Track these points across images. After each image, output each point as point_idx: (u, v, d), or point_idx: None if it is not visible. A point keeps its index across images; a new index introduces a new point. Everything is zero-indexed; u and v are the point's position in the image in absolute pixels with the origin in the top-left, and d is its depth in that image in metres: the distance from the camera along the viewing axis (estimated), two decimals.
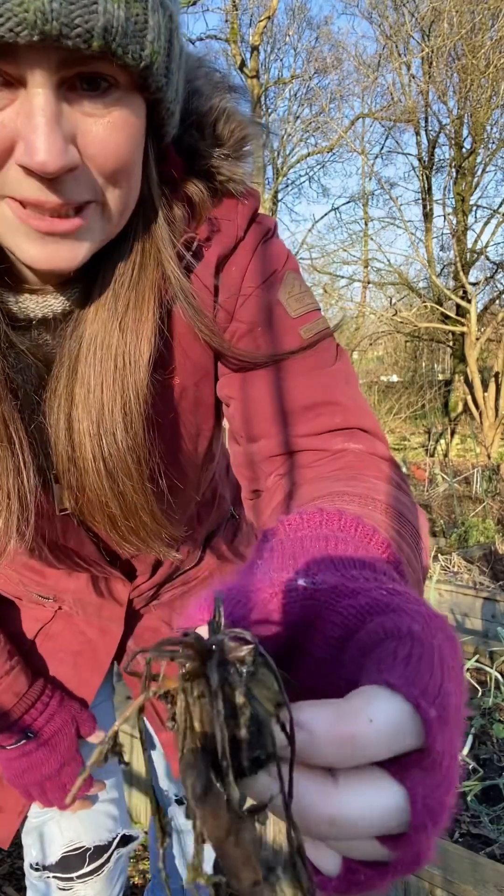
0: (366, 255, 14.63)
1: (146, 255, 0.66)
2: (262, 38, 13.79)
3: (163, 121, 0.62)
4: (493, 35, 9.79)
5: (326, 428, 0.75)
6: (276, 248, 0.78)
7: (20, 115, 0.51)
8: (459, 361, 11.81)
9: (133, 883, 1.79)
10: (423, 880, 1.35)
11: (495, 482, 6.07)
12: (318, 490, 0.62)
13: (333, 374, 0.77)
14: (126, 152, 0.56)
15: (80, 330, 0.67)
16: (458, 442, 10.69)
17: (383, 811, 0.28)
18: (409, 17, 11.18)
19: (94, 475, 0.67)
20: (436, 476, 6.44)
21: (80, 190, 0.55)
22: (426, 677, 0.29)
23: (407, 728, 0.28)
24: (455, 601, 3.36)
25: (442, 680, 0.30)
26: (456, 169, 12.44)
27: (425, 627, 0.32)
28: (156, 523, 0.72)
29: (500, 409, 9.27)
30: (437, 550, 4.40)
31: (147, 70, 0.54)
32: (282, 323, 0.76)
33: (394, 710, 0.28)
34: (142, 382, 0.67)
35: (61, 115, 0.52)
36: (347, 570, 0.37)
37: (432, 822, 0.29)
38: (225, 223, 0.74)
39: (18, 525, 0.66)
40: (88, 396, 0.66)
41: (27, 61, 0.49)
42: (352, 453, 0.73)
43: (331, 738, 0.28)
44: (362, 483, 0.61)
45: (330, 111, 14.07)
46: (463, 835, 1.70)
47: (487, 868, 1.34)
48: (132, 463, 0.68)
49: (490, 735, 2.14)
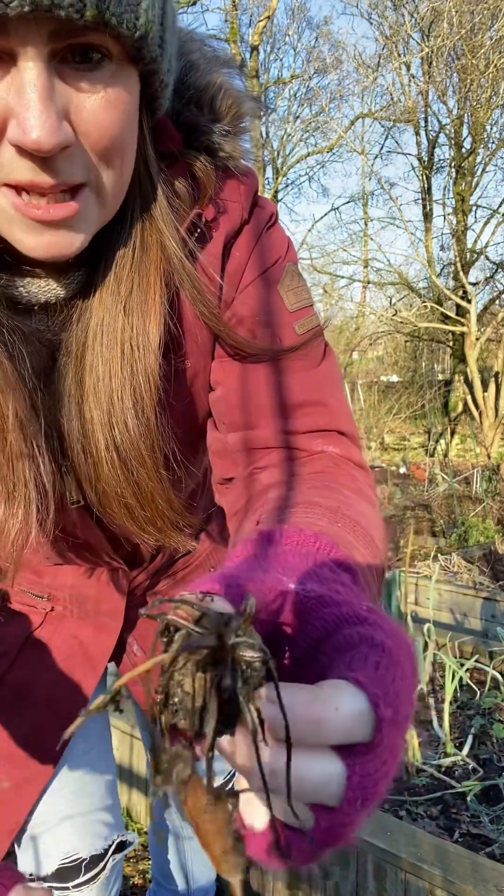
0: (366, 255, 14.63)
1: (147, 236, 0.64)
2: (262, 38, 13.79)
3: (157, 93, 0.60)
4: (493, 35, 9.78)
5: (310, 428, 0.76)
6: (278, 237, 0.78)
7: (11, 91, 0.49)
8: (459, 361, 11.80)
9: (133, 883, 1.78)
10: (423, 880, 1.35)
11: (495, 482, 6.07)
12: (294, 495, 0.65)
13: (323, 374, 0.78)
14: (120, 128, 0.54)
15: (86, 317, 0.65)
16: (458, 442, 10.68)
17: (322, 778, 0.33)
18: (408, 17, 11.17)
19: (107, 465, 0.66)
20: (436, 476, 6.43)
21: (74, 170, 0.53)
22: (388, 684, 0.34)
23: (364, 721, 0.33)
24: (455, 601, 3.36)
25: (400, 690, 0.34)
26: (456, 169, 12.43)
27: (395, 644, 0.36)
28: (173, 512, 0.70)
29: (500, 409, 9.27)
30: (437, 550, 4.40)
31: (141, 40, 0.51)
32: (279, 316, 0.76)
33: (357, 704, 0.33)
34: (152, 367, 0.65)
35: (54, 91, 0.49)
36: (332, 584, 0.42)
37: (363, 802, 0.33)
38: (230, 204, 0.72)
39: (39, 515, 0.64)
40: (98, 385, 0.64)
41: (17, 34, 0.46)
42: (328, 457, 0.74)
43: (303, 718, 0.32)
44: (336, 494, 0.64)
45: (330, 111, 14.07)
46: (463, 835, 1.70)
47: (487, 868, 1.34)
48: (145, 450, 0.66)
49: (490, 735, 2.14)
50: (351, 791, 0.33)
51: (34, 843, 0.98)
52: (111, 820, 1.04)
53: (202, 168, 0.68)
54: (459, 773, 1.95)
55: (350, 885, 1.48)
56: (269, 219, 0.77)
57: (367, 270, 14.58)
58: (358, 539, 0.56)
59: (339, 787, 0.33)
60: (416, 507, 5.65)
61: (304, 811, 0.34)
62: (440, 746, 2.08)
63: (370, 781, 0.33)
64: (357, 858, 1.46)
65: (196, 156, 0.68)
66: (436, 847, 1.40)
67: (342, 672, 0.34)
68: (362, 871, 1.46)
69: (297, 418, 0.76)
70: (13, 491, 0.62)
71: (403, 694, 0.34)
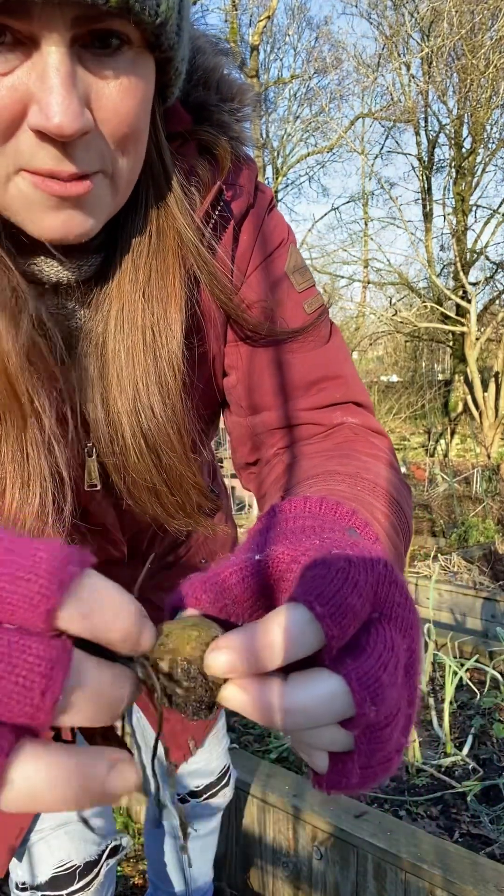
0: (366, 255, 14.63)
1: (162, 221, 0.64)
2: (262, 38, 13.79)
3: (171, 80, 0.60)
4: (493, 35, 9.78)
5: (327, 402, 0.78)
6: (278, 220, 0.79)
7: (33, 75, 0.49)
8: (459, 361, 11.80)
9: (133, 883, 1.78)
10: (422, 880, 1.35)
11: (495, 482, 6.07)
12: (314, 467, 0.67)
13: (334, 348, 0.80)
14: (137, 115, 0.54)
15: (105, 305, 0.65)
16: (458, 442, 10.69)
17: (326, 696, 0.34)
18: (408, 17, 11.18)
19: (135, 453, 0.66)
20: (436, 476, 6.43)
21: (92, 157, 0.53)
22: (321, 586, 0.35)
23: (308, 627, 0.34)
24: (455, 601, 3.36)
25: (339, 587, 0.35)
26: (456, 169, 12.44)
27: (341, 557, 0.37)
28: (200, 495, 0.71)
29: (500, 409, 9.27)
30: (437, 550, 4.40)
31: (161, 27, 0.52)
32: (289, 297, 0.77)
33: (295, 615, 0.34)
34: (175, 353, 0.65)
35: (76, 76, 0.49)
36: (301, 542, 0.40)
37: (371, 699, 0.34)
38: (238, 188, 0.73)
39: (55, 503, 0.63)
40: (121, 373, 0.64)
41: (42, 18, 0.46)
42: (348, 428, 0.76)
43: (254, 650, 0.34)
44: (354, 461, 0.66)
45: (330, 111, 14.08)
46: (463, 835, 1.70)
47: (487, 868, 1.34)
48: (174, 435, 0.66)
49: (490, 735, 2.14)
50: (357, 693, 0.34)
51: (28, 853, 0.97)
52: (103, 824, 1.04)
53: (217, 142, 0.68)
54: (459, 773, 1.95)
55: (350, 885, 1.48)
56: (269, 202, 0.78)
57: (367, 270, 14.58)
58: (378, 499, 0.57)
59: (346, 695, 0.34)
60: (416, 507, 5.65)
61: (339, 734, 0.36)
62: (440, 746, 2.08)
63: (370, 675, 0.35)
64: (357, 858, 1.46)
65: (209, 131, 0.68)
66: (436, 847, 1.40)
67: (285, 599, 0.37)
68: (362, 871, 1.46)
69: (314, 394, 0.77)
70: (28, 479, 0.61)
71: (344, 589, 0.35)
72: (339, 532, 0.43)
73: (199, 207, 0.68)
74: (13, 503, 0.61)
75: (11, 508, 0.61)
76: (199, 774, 1.20)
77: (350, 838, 1.46)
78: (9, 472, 0.61)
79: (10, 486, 0.61)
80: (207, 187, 0.69)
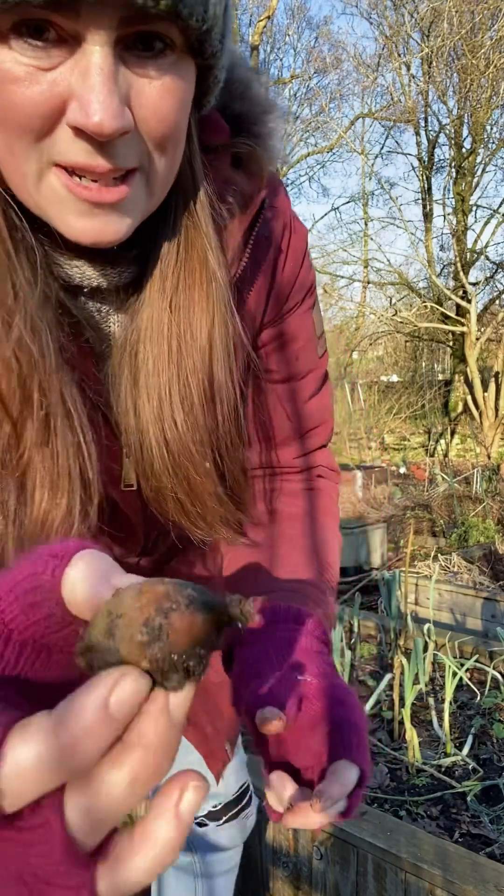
0: (366, 255, 14.62)
1: (190, 232, 0.64)
2: (262, 38, 13.79)
3: (208, 89, 0.59)
4: (493, 35, 9.78)
5: (317, 445, 0.90)
6: (309, 258, 0.81)
7: (75, 73, 0.49)
8: (459, 361, 11.80)
9: None
10: (423, 880, 1.35)
11: (495, 482, 6.06)
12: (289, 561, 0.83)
13: (327, 394, 0.88)
14: (176, 117, 0.54)
15: (138, 313, 0.65)
16: (458, 442, 10.68)
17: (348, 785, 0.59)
18: (408, 17, 11.18)
19: (158, 461, 0.66)
20: (436, 476, 6.43)
21: (129, 155, 0.53)
22: (365, 753, 0.62)
23: (354, 776, 0.60)
24: (455, 601, 3.36)
25: (367, 749, 0.62)
26: (456, 169, 12.43)
27: (360, 716, 0.64)
28: (222, 508, 0.71)
29: (500, 409, 9.27)
30: (437, 550, 4.40)
31: (206, 34, 0.52)
32: (310, 340, 0.83)
33: (355, 774, 0.60)
34: (200, 365, 0.65)
35: (118, 76, 0.49)
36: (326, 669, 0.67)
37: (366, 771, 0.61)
38: (276, 209, 0.74)
39: (83, 506, 0.62)
40: (148, 381, 0.64)
41: (89, 17, 0.46)
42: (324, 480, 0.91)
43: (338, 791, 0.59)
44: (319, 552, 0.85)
45: (330, 111, 14.07)
46: (463, 835, 1.70)
47: (487, 868, 1.34)
48: (194, 447, 0.66)
49: (490, 735, 2.14)
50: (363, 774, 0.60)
51: None
52: None
53: (256, 154, 0.68)
54: (459, 773, 1.95)
55: (350, 885, 1.48)
56: (306, 238, 0.80)
57: (367, 270, 14.58)
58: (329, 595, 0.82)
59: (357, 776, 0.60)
60: (416, 507, 5.65)
61: None
62: (440, 746, 2.08)
63: (366, 762, 0.61)
64: (357, 858, 1.46)
65: (248, 143, 0.68)
66: (436, 847, 1.40)
67: (342, 754, 0.60)
68: (362, 871, 1.46)
69: (310, 438, 0.87)
70: (58, 479, 0.61)
71: (367, 751, 0.62)
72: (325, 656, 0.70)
73: (244, 217, 0.69)
74: (42, 503, 0.61)
75: (40, 509, 0.61)
76: (211, 795, 1.09)
77: (350, 838, 1.46)
78: (38, 472, 0.60)
79: (38, 486, 0.61)
80: (249, 198, 0.69)
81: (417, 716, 2.26)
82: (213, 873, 1.14)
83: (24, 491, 0.61)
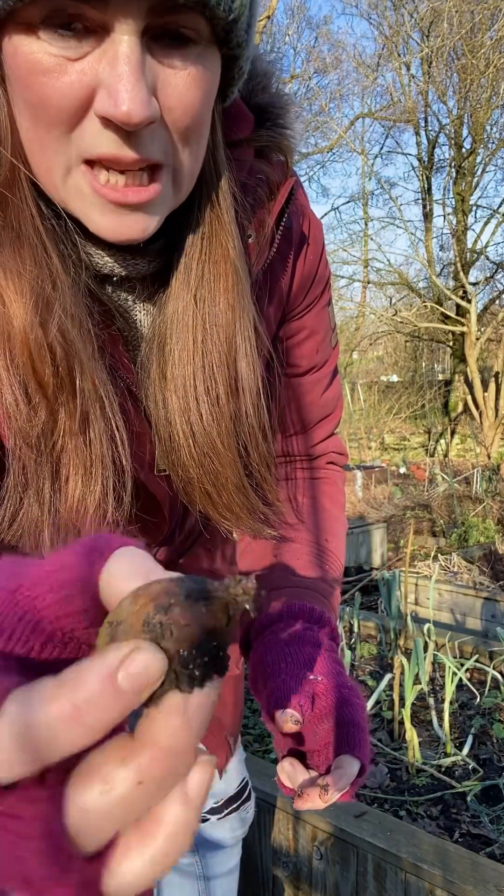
0: (366, 255, 14.62)
1: (214, 225, 0.64)
2: (262, 38, 13.79)
3: (233, 80, 0.60)
4: (493, 35, 9.78)
5: (326, 434, 0.92)
6: (326, 251, 0.83)
7: (103, 62, 0.49)
8: (459, 361, 11.80)
9: None
10: (423, 880, 1.35)
11: (495, 482, 6.06)
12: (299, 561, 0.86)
13: (337, 385, 0.91)
14: (202, 107, 0.55)
15: (165, 305, 0.65)
16: (458, 442, 10.69)
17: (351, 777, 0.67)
18: (408, 17, 11.18)
19: (185, 452, 0.67)
20: (436, 476, 6.43)
21: (155, 147, 0.53)
22: (367, 749, 0.69)
23: (356, 768, 0.67)
24: (455, 601, 3.36)
25: (368, 745, 0.70)
26: (456, 169, 12.44)
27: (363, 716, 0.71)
28: (248, 498, 0.71)
29: (500, 409, 9.27)
30: (437, 550, 4.40)
31: (233, 23, 0.52)
32: (328, 332, 0.86)
33: (357, 766, 0.67)
34: (226, 356, 0.65)
35: (145, 65, 0.49)
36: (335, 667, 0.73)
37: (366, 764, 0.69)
38: (297, 202, 0.75)
39: (116, 493, 0.63)
40: (175, 372, 0.65)
41: (117, 7, 0.47)
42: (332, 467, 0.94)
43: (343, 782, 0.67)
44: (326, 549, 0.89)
45: (330, 111, 14.06)
46: (463, 835, 1.70)
47: (487, 868, 1.34)
48: (219, 439, 0.67)
49: (490, 735, 2.14)
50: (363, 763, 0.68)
51: None
52: None
53: (282, 143, 0.69)
54: (459, 773, 1.95)
55: (350, 885, 1.48)
56: (322, 230, 0.81)
57: (367, 270, 14.58)
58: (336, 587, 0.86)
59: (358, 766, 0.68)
60: (416, 507, 5.65)
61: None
62: (440, 746, 2.08)
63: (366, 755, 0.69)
64: (357, 858, 1.46)
65: (272, 134, 0.69)
66: (436, 847, 1.40)
67: (346, 750, 0.68)
68: (362, 871, 1.46)
69: (323, 426, 0.90)
70: (91, 466, 0.61)
71: (368, 748, 0.70)
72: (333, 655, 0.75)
73: (272, 206, 0.69)
74: (76, 490, 0.61)
75: (74, 496, 0.61)
76: (212, 793, 1.09)
77: (350, 838, 1.46)
78: (73, 459, 0.61)
79: (73, 473, 0.61)
80: (276, 188, 0.69)
81: (417, 716, 2.26)
82: (214, 874, 1.14)
83: (58, 478, 0.61)
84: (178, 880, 1.16)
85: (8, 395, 0.58)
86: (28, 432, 0.59)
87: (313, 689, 0.70)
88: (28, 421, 0.59)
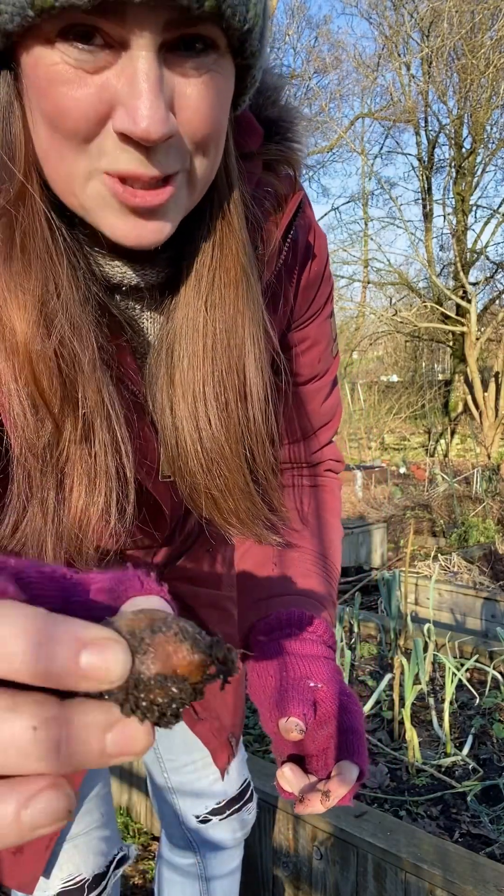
0: (366, 255, 14.62)
1: (225, 233, 0.65)
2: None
3: (246, 89, 0.60)
4: (493, 35, 9.78)
5: (326, 441, 0.93)
6: (329, 263, 0.84)
7: (122, 79, 0.49)
8: (459, 361, 11.80)
9: (133, 883, 1.79)
10: (423, 880, 1.35)
11: (495, 482, 6.07)
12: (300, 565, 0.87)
13: (337, 393, 0.92)
14: (218, 116, 0.55)
15: (174, 312, 0.65)
16: (458, 442, 10.69)
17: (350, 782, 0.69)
18: (408, 17, 11.18)
19: (193, 458, 0.67)
20: (436, 476, 6.43)
21: (173, 159, 0.54)
22: (365, 755, 0.72)
23: (355, 774, 0.69)
24: (455, 601, 3.36)
25: (366, 750, 0.72)
26: (456, 169, 12.44)
27: (361, 722, 0.74)
28: (254, 506, 0.72)
29: (500, 409, 9.27)
30: (437, 550, 4.40)
31: (248, 34, 0.52)
32: (330, 343, 0.86)
33: (356, 772, 0.70)
34: (235, 363, 0.66)
35: (163, 81, 0.50)
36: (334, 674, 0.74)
37: (364, 770, 0.71)
38: (304, 216, 0.75)
39: (119, 504, 0.63)
40: (184, 379, 0.65)
41: (135, 21, 0.47)
42: (330, 475, 0.95)
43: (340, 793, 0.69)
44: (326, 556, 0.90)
45: (330, 111, 14.05)
46: (463, 835, 1.70)
47: (487, 868, 1.34)
48: (227, 445, 0.67)
49: (490, 735, 2.14)
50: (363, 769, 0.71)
51: None
52: (109, 834, 1.01)
53: (291, 157, 0.70)
54: (459, 773, 1.95)
55: (350, 885, 1.48)
56: (327, 242, 0.82)
57: (367, 270, 14.58)
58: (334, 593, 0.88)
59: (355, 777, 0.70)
60: (416, 507, 5.65)
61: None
62: (440, 746, 2.08)
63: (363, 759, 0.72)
64: (357, 858, 1.46)
65: (281, 147, 0.69)
66: (436, 847, 1.40)
67: (346, 756, 0.71)
68: (362, 871, 1.46)
69: (322, 434, 0.92)
70: (95, 477, 0.62)
71: (366, 752, 0.71)
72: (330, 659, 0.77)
73: (280, 219, 0.70)
74: (80, 501, 0.62)
75: (78, 506, 0.62)
76: (213, 794, 1.09)
77: (350, 838, 1.46)
78: (77, 470, 0.61)
79: (77, 483, 0.61)
80: (284, 200, 0.70)
81: (417, 716, 2.26)
82: (215, 875, 1.14)
83: (62, 488, 0.62)
84: (179, 880, 1.17)
85: (16, 407, 0.59)
86: (35, 443, 0.60)
87: (314, 697, 0.72)
88: (35, 432, 0.59)
